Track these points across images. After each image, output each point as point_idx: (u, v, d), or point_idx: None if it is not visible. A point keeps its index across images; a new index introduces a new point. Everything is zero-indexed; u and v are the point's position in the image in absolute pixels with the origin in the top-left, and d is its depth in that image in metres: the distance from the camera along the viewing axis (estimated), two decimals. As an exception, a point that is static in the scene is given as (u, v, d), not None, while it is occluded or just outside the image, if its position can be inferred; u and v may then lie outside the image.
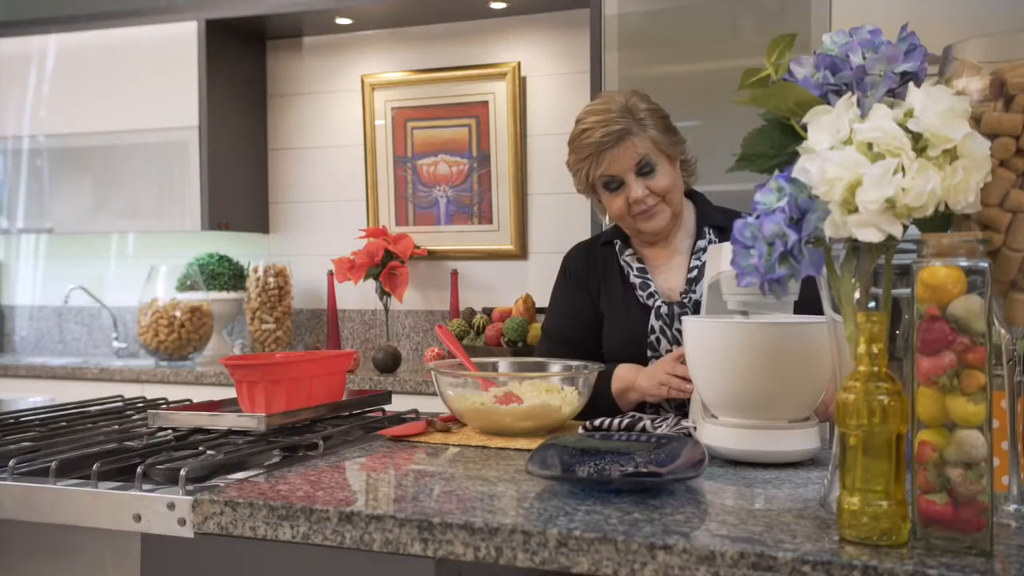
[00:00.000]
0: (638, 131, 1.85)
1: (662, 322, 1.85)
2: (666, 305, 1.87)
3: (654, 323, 1.86)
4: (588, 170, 1.89)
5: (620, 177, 1.87)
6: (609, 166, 1.86)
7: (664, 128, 1.90)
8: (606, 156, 1.85)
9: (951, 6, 2.52)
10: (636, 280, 1.92)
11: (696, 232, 1.96)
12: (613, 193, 1.89)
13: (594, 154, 1.87)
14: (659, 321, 1.86)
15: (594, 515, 1.08)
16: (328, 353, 1.78)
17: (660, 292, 1.90)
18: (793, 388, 1.35)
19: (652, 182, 1.86)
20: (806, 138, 1.02)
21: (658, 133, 1.87)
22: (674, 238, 1.96)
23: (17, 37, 3.74)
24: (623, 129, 1.85)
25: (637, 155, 1.85)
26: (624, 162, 1.85)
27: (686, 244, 1.96)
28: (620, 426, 1.55)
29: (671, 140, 1.90)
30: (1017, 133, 1.00)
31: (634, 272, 1.93)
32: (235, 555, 1.18)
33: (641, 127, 1.86)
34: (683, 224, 1.97)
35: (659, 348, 1.85)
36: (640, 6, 2.88)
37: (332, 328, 3.57)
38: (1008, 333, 1.05)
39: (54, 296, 4.09)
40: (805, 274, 1.03)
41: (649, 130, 1.86)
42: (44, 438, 1.53)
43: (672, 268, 1.94)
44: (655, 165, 1.86)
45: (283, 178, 3.82)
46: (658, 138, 1.87)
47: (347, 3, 3.32)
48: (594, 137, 1.85)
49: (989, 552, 0.92)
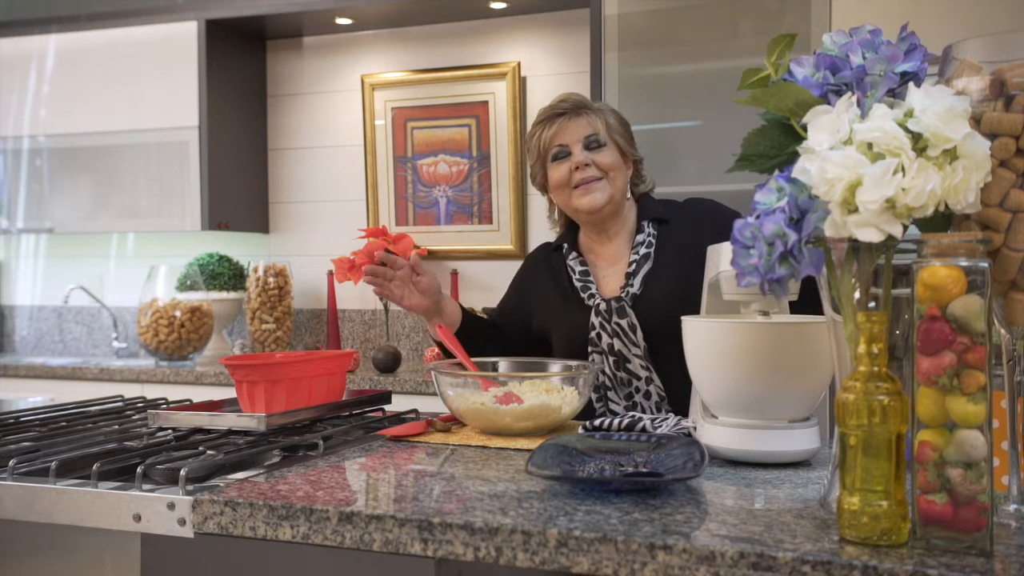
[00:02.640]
0: (595, 112, 1.95)
1: (601, 318, 1.89)
2: (604, 302, 1.90)
3: (594, 320, 1.90)
4: (540, 136, 1.95)
5: (568, 147, 1.92)
6: (559, 132, 1.93)
7: (621, 123, 1.98)
8: (558, 122, 1.93)
9: (951, 6, 2.52)
10: (578, 284, 1.97)
11: (636, 228, 1.98)
12: (558, 162, 1.94)
13: (549, 119, 1.95)
14: (598, 318, 1.89)
15: (594, 515, 1.08)
16: (328, 353, 1.78)
17: (601, 291, 1.95)
18: (793, 388, 1.35)
19: (598, 156, 1.92)
20: (806, 138, 1.02)
21: (615, 123, 1.96)
22: (616, 237, 1.99)
23: (17, 37, 3.74)
24: (581, 103, 1.96)
25: (589, 128, 1.92)
26: (575, 132, 1.92)
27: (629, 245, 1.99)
28: (620, 426, 1.55)
29: (626, 135, 1.98)
30: (1017, 133, 1.00)
31: (576, 276, 1.98)
32: (235, 555, 1.18)
33: (598, 113, 1.95)
34: (625, 225, 2.00)
35: (600, 343, 1.89)
36: (640, 6, 2.88)
37: (332, 328, 3.57)
38: (1008, 333, 1.05)
39: (54, 296, 4.09)
40: (805, 274, 1.03)
41: (606, 116, 1.95)
42: (44, 438, 1.53)
43: (615, 272, 1.98)
44: (603, 144, 1.93)
45: (283, 178, 3.82)
46: (613, 125, 1.95)
47: (347, 3, 3.32)
48: (554, 104, 1.96)
49: (989, 552, 0.92)
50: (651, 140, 2.71)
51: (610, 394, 1.88)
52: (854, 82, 1.05)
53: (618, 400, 1.87)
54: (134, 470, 1.28)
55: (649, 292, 1.88)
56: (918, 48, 1.06)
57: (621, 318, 1.86)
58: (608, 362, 1.87)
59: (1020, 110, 1.00)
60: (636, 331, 1.85)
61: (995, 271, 1.03)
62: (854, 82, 1.05)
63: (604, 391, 1.88)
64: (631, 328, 1.85)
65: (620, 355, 1.86)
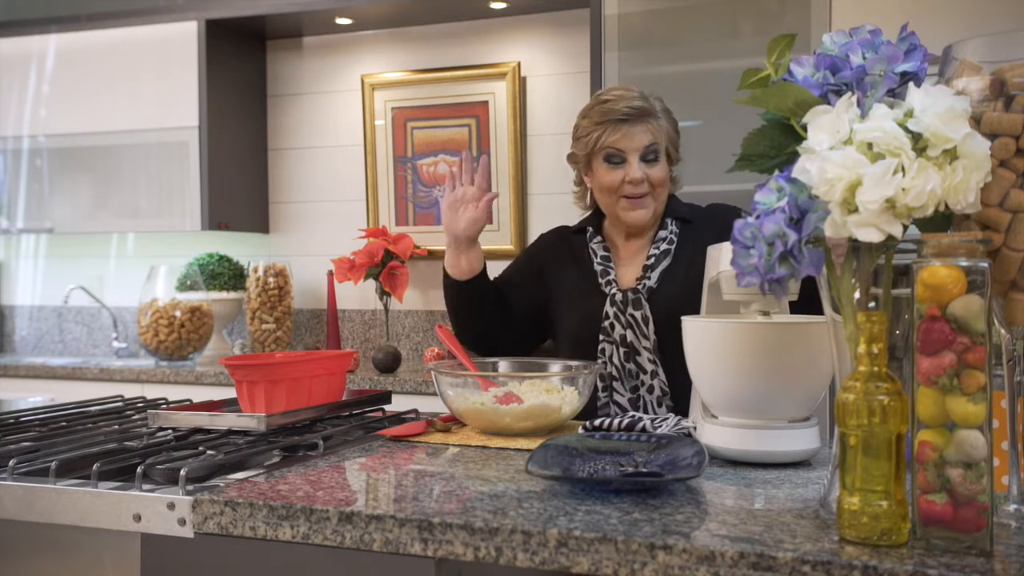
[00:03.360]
0: (657, 118, 1.92)
1: (616, 308, 1.89)
2: (620, 292, 1.90)
3: (609, 309, 1.90)
4: (599, 136, 1.91)
5: (625, 154, 1.90)
6: (621, 139, 1.90)
7: (674, 129, 1.98)
8: (622, 128, 1.90)
9: (951, 6, 2.52)
10: (598, 267, 1.96)
11: (660, 224, 1.99)
12: (612, 166, 1.92)
13: (612, 122, 1.90)
14: (613, 307, 1.89)
15: (594, 515, 1.08)
16: (328, 353, 1.78)
17: (619, 281, 1.94)
18: (793, 388, 1.35)
19: (652, 171, 1.91)
20: (806, 138, 1.02)
21: (669, 127, 1.95)
22: (645, 235, 2.00)
23: (17, 37, 3.74)
24: (646, 109, 1.91)
25: (650, 138, 1.90)
26: (636, 140, 1.90)
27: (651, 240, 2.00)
28: (620, 426, 1.55)
29: (676, 140, 1.98)
30: (1017, 133, 1.00)
31: (598, 259, 1.97)
32: (235, 555, 1.18)
33: (657, 119, 1.92)
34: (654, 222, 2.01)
35: (612, 333, 1.89)
36: (640, 6, 2.88)
37: (332, 328, 3.57)
38: (1008, 333, 1.05)
39: (54, 296, 4.09)
40: (805, 274, 1.03)
41: (663, 122, 1.93)
42: (44, 438, 1.53)
43: (635, 263, 1.99)
44: (659, 156, 1.91)
45: (283, 178, 3.82)
46: (668, 132, 1.94)
47: (347, 3, 3.32)
48: (618, 107, 1.90)
49: (989, 552, 0.92)
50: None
51: (616, 384, 1.89)
52: (854, 82, 1.05)
53: (623, 392, 1.87)
54: (134, 470, 1.28)
55: (664, 287, 1.90)
56: (918, 48, 1.06)
57: (636, 310, 1.86)
58: (618, 353, 1.87)
59: (1020, 110, 1.00)
60: (649, 324, 1.86)
61: (995, 271, 1.03)
62: (854, 82, 1.05)
63: (610, 381, 1.88)
64: (644, 320, 1.86)
65: (631, 347, 1.86)
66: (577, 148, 1.98)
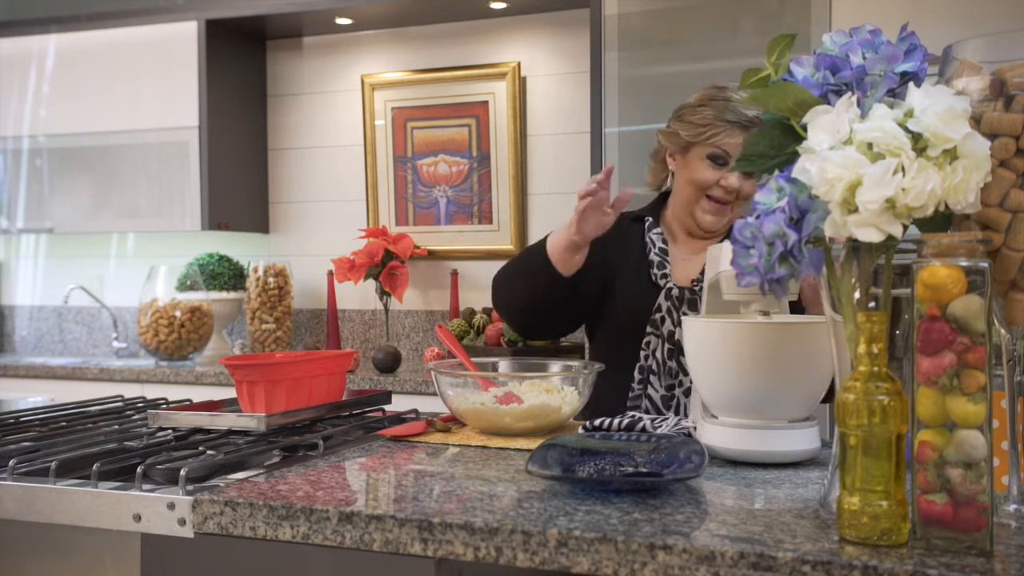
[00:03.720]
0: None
1: (671, 303, 1.86)
2: (678, 288, 1.87)
3: (663, 302, 1.87)
4: (716, 134, 1.84)
5: (729, 160, 1.85)
6: (736, 145, 1.82)
7: None
8: (741, 135, 1.81)
9: (951, 6, 2.52)
10: (655, 258, 1.92)
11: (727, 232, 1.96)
12: (712, 164, 1.86)
13: (736, 125, 1.83)
14: (668, 302, 1.86)
15: (594, 515, 1.08)
16: (328, 353, 1.78)
17: (674, 276, 1.91)
18: (793, 388, 1.35)
19: (746, 184, 1.86)
20: (806, 138, 1.02)
21: None
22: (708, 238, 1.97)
23: (17, 37, 3.74)
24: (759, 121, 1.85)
25: None
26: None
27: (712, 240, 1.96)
28: (620, 426, 1.55)
29: None
30: (1017, 133, 1.00)
31: (655, 250, 1.93)
32: (235, 555, 1.18)
33: None
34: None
35: (662, 328, 1.86)
36: (640, 6, 2.88)
37: (332, 328, 3.57)
38: (1008, 333, 1.05)
39: (54, 296, 4.09)
40: (805, 274, 1.03)
41: None
42: (44, 438, 1.53)
43: (694, 261, 1.95)
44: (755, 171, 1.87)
45: (283, 178, 3.82)
46: None
47: (347, 3, 3.32)
48: (743, 110, 1.82)
49: (989, 552, 0.92)
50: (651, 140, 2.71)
51: (653, 379, 1.85)
52: (854, 82, 1.05)
53: (658, 388, 1.85)
54: (134, 470, 1.28)
55: None
56: (918, 48, 1.06)
57: (691, 309, 1.85)
58: (663, 348, 1.85)
59: (1020, 110, 1.00)
60: None
61: (995, 271, 1.03)
62: (854, 82, 1.05)
63: (647, 374, 1.85)
64: None
65: (678, 345, 1.84)
66: (683, 130, 1.90)
